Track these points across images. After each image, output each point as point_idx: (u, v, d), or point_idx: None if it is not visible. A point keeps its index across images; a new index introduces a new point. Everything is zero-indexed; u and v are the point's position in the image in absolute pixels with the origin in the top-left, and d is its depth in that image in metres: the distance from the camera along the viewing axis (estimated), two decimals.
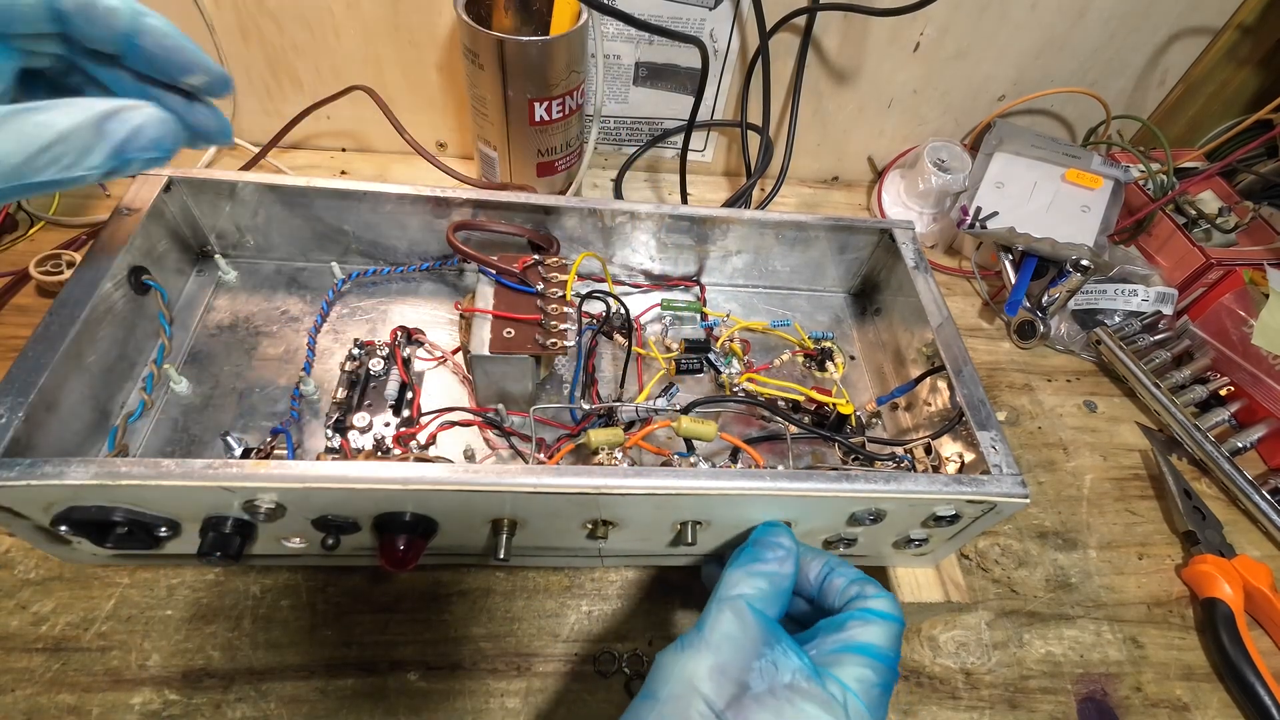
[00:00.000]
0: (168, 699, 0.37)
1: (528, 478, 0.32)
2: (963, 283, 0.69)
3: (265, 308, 0.49)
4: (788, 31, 0.63)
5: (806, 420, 0.46)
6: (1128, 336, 0.62)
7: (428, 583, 0.43)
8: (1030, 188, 0.64)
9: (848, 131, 0.74)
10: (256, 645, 0.39)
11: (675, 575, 0.45)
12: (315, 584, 0.42)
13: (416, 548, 0.34)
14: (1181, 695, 0.45)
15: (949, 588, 0.41)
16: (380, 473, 0.31)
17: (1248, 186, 0.71)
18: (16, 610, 0.39)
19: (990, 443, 0.37)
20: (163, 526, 0.33)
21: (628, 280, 0.54)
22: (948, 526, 0.37)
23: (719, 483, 0.33)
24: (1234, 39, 0.69)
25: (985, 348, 0.64)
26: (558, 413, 0.45)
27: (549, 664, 0.41)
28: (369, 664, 0.40)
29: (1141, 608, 0.48)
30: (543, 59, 0.53)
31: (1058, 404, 0.60)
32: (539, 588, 0.44)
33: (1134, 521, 0.53)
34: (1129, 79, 0.73)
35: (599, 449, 0.38)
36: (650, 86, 0.67)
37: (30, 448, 0.32)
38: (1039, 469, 0.55)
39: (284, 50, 0.62)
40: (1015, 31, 0.66)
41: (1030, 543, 0.51)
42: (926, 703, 0.42)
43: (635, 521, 0.36)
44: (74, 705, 0.36)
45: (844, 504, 0.35)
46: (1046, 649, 0.45)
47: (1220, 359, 0.60)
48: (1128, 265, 0.65)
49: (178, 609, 0.40)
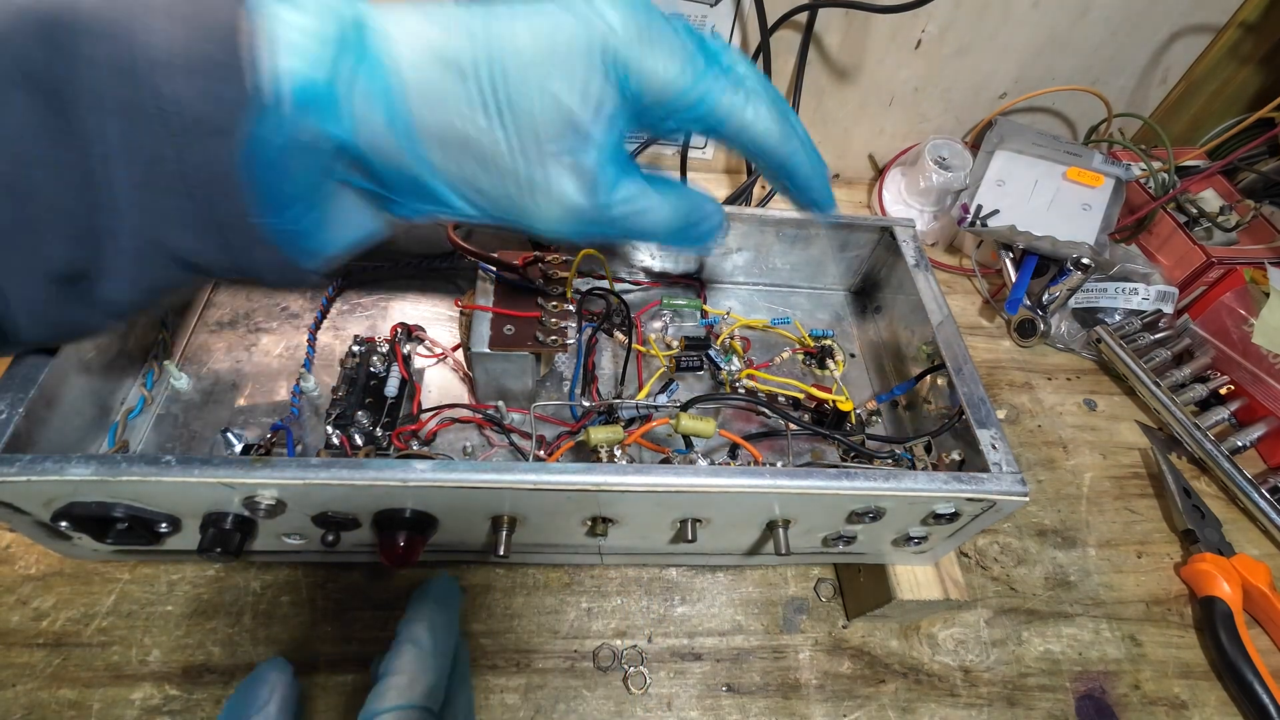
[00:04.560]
0: (168, 694, 0.37)
1: (528, 475, 0.32)
2: (963, 281, 0.69)
3: (265, 304, 0.49)
4: (789, 28, 0.63)
5: (806, 418, 0.46)
6: (1128, 335, 0.62)
7: (428, 579, 0.43)
8: (1031, 186, 0.64)
9: (849, 129, 0.73)
10: (257, 641, 0.40)
11: (675, 573, 0.46)
12: (315, 580, 0.42)
13: (416, 544, 0.34)
14: (1180, 693, 0.45)
15: (948, 585, 0.41)
16: (380, 470, 0.31)
17: (1249, 185, 0.71)
18: (17, 606, 0.39)
19: (990, 441, 0.37)
20: (163, 522, 0.33)
21: (628, 277, 0.54)
22: (947, 524, 0.37)
23: (718, 480, 0.33)
24: (1236, 37, 0.69)
25: (985, 346, 0.64)
26: (558, 410, 0.46)
27: (548, 660, 0.41)
28: (369, 660, 0.40)
29: (1140, 606, 0.48)
30: None
31: (1057, 402, 0.60)
32: (538, 584, 0.44)
33: (1133, 520, 0.53)
34: (1131, 77, 0.72)
35: (599, 446, 0.38)
36: None
37: (31, 443, 0.32)
38: (1038, 467, 0.55)
39: None
40: (1017, 29, 0.66)
41: (1029, 541, 0.51)
42: (925, 700, 0.42)
43: (635, 518, 0.36)
44: (75, 700, 0.37)
45: (843, 501, 0.35)
46: (1045, 647, 0.45)
47: (1220, 358, 0.60)
48: (1128, 264, 0.65)
49: (178, 605, 0.40)
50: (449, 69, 0.24)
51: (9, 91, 0.20)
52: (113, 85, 0.21)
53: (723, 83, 0.26)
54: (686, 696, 0.41)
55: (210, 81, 0.22)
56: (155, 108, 0.22)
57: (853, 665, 0.43)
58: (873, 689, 0.42)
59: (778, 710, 0.41)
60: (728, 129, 0.27)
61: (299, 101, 0.23)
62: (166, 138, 0.22)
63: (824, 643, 0.44)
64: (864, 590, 0.44)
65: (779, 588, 0.46)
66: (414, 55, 0.24)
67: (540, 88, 0.24)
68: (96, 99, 0.21)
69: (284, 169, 0.24)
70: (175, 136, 0.22)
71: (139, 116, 0.22)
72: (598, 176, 0.26)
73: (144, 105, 0.21)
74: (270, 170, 0.23)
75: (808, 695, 0.42)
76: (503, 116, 0.24)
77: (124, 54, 0.21)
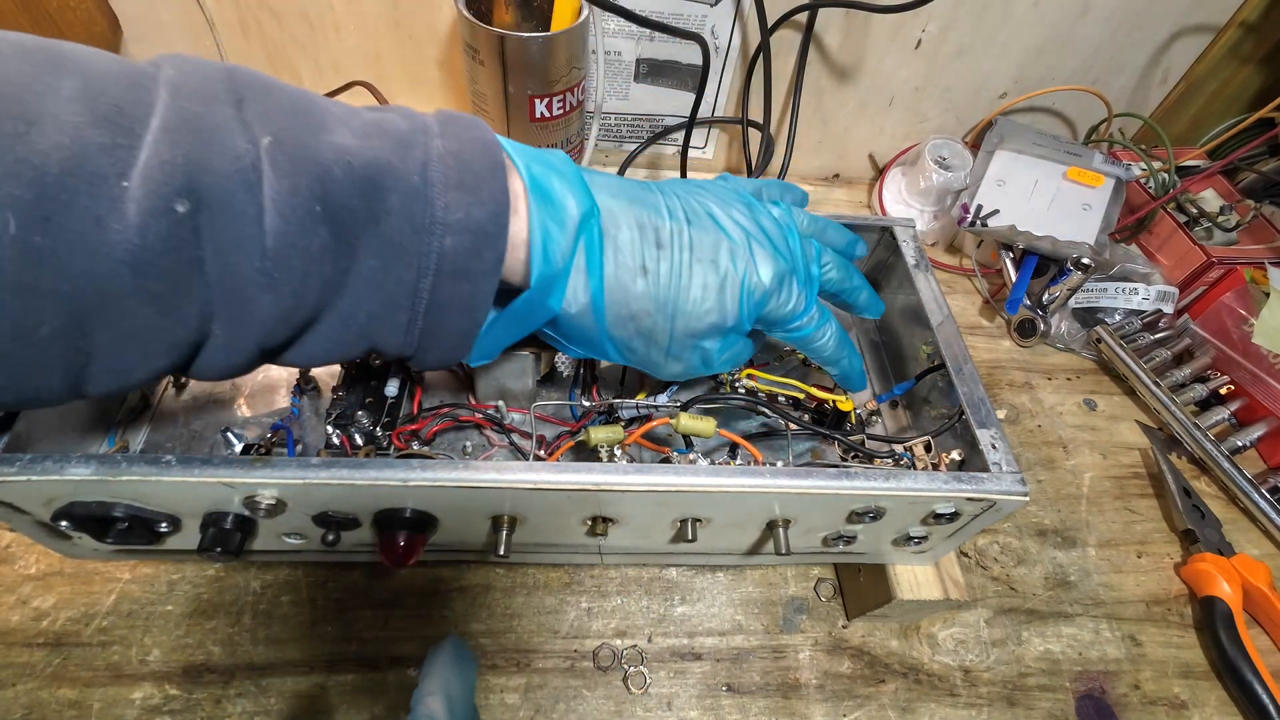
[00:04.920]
0: (168, 694, 0.37)
1: (528, 474, 0.32)
2: (963, 281, 0.69)
3: None
4: (789, 28, 0.63)
5: (806, 417, 0.46)
6: (1128, 335, 0.62)
7: (428, 579, 0.43)
8: (1031, 185, 0.64)
9: (849, 129, 0.73)
10: (257, 641, 0.40)
11: (675, 572, 0.46)
12: (315, 580, 0.42)
13: (416, 544, 0.34)
14: (1180, 693, 0.45)
15: (948, 585, 0.41)
16: (381, 469, 0.31)
17: (1249, 185, 0.71)
18: (18, 605, 0.39)
19: (990, 441, 0.37)
20: (163, 522, 0.33)
21: None
22: (947, 524, 0.37)
23: (718, 479, 0.33)
24: (1236, 37, 0.69)
25: (985, 346, 0.64)
26: (558, 409, 0.46)
27: (548, 660, 0.41)
28: (369, 659, 0.40)
29: (1140, 606, 0.48)
30: (543, 55, 0.53)
31: (1057, 402, 0.60)
32: (539, 584, 0.44)
33: (1133, 520, 0.53)
34: (1131, 77, 0.72)
35: (599, 446, 0.38)
36: (651, 83, 0.67)
37: (31, 443, 0.32)
38: (1038, 467, 0.55)
39: (284, 45, 0.62)
40: (1017, 29, 0.66)
41: (1029, 540, 0.51)
42: (925, 700, 0.42)
43: (635, 518, 0.36)
44: (75, 700, 0.37)
45: (843, 501, 0.35)
46: (1045, 647, 0.45)
47: (1220, 357, 0.60)
48: (1128, 263, 0.65)
49: (178, 604, 0.40)
50: (639, 274, 0.32)
51: (319, 226, 0.25)
52: (404, 234, 0.27)
53: (814, 318, 0.37)
54: (686, 696, 0.41)
55: (479, 244, 0.28)
56: (424, 254, 0.27)
57: (853, 665, 0.43)
58: (872, 689, 0.42)
59: (777, 710, 0.41)
60: (807, 346, 0.38)
61: (538, 285, 0.30)
62: (419, 276, 0.28)
63: (824, 642, 0.44)
64: (864, 590, 0.44)
65: (779, 587, 0.46)
66: (618, 256, 0.32)
67: (704, 310, 0.34)
68: (380, 240, 0.27)
69: (503, 324, 0.31)
70: (426, 278, 0.28)
71: (403, 257, 0.27)
72: (716, 357, 0.36)
73: (415, 250, 0.27)
74: (491, 324, 0.31)
75: (807, 695, 0.42)
76: (674, 320, 0.33)
77: (424, 213, 0.27)
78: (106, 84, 0.23)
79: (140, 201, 0.22)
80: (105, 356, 0.24)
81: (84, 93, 0.22)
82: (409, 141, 0.28)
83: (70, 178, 0.21)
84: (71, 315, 0.22)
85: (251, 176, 0.24)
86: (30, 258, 0.21)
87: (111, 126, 0.22)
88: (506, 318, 0.31)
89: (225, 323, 0.25)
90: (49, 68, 0.22)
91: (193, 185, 0.23)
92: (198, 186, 0.23)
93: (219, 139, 0.24)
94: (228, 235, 0.24)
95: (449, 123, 0.30)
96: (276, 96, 0.26)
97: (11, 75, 0.22)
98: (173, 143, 0.23)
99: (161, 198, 0.22)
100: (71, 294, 0.22)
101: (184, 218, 0.23)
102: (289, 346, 0.28)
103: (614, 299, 0.32)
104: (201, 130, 0.24)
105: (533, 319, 0.32)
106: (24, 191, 0.21)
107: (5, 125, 0.21)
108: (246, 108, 0.25)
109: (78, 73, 0.23)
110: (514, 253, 0.30)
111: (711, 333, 0.35)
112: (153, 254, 0.22)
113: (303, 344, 0.28)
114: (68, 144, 0.21)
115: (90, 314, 0.23)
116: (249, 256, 0.24)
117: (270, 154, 0.24)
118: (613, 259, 0.32)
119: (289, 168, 0.25)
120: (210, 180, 0.23)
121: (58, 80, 0.22)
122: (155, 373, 0.26)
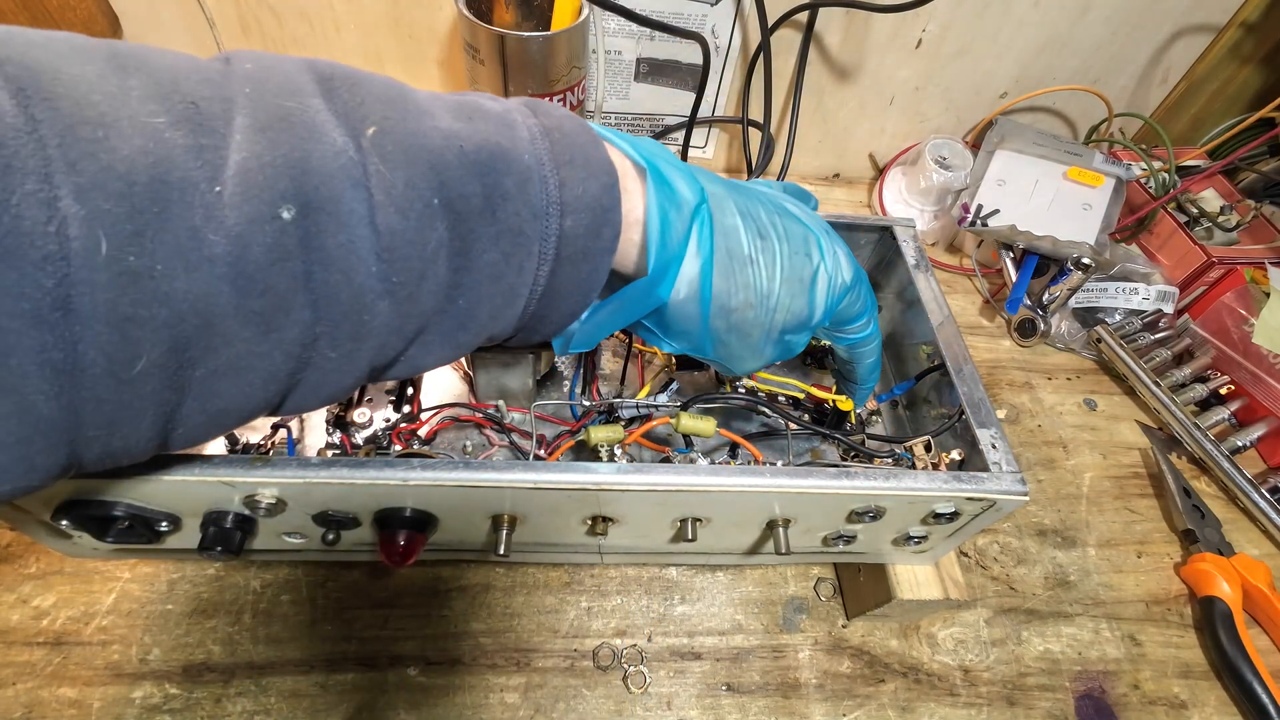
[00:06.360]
0: (168, 693, 0.37)
1: (528, 474, 0.32)
2: (963, 280, 0.69)
3: None
4: (789, 28, 0.63)
5: (806, 417, 0.46)
6: (1128, 335, 0.62)
7: (427, 578, 0.43)
8: (1032, 185, 0.64)
9: (849, 128, 0.73)
10: (257, 640, 0.40)
11: (674, 572, 0.46)
12: (315, 579, 0.42)
13: (416, 543, 0.34)
14: (1179, 693, 0.45)
15: (948, 585, 0.41)
16: (380, 469, 0.31)
17: (1249, 185, 0.71)
18: (18, 604, 0.39)
19: (990, 440, 0.37)
20: (163, 521, 0.33)
21: None
22: (947, 524, 0.37)
23: (718, 479, 0.33)
24: (1237, 37, 0.69)
25: (985, 345, 0.64)
26: (558, 409, 0.46)
27: (548, 659, 0.41)
28: (369, 659, 0.40)
29: (1140, 606, 0.48)
30: (544, 55, 0.53)
31: (1058, 402, 0.60)
32: (538, 584, 0.44)
33: (1133, 520, 0.53)
34: (1131, 76, 0.72)
35: (599, 446, 0.38)
36: (651, 82, 0.67)
37: None
38: (1038, 467, 0.55)
39: (284, 44, 0.62)
40: (1017, 28, 0.66)
41: (1029, 540, 0.51)
42: (925, 700, 0.42)
43: (635, 518, 0.36)
44: (75, 699, 0.37)
45: (843, 501, 0.35)
46: (1045, 646, 0.46)
47: (1220, 357, 0.60)
48: (1129, 263, 0.65)
49: (178, 603, 0.40)
50: (748, 264, 0.31)
51: (436, 220, 0.23)
52: (522, 219, 0.25)
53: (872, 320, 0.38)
54: (686, 696, 0.41)
55: (597, 221, 0.27)
56: (544, 238, 0.26)
57: (852, 665, 0.43)
58: (872, 688, 0.42)
59: (777, 709, 0.41)
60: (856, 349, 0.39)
61: (656, 270, 0.29)
62: (539, 263, 0.26)
63: (824, 642, 0.44)
64: (864, 590, 0.44)
65: (779, 587, 0.46)
66: (729, 244, 0.30)
67: (800, 305, 0.33)
68: (497, 229, 0.25)
69: (608, 312, 0.30)
70: (546, 264, 0.26)
71: (524, 244, 0.26)
72: (796, 350, 0.36)
73: (535, 235, 0.26)
74: (594, 311, 0.30)
75: (807, 694, 0.42)
76: (774, 314, 0.32)
77: (540, 194, 0.25)
78: (178, 80, 0.21)
79: (239, 208, 0.20)
80: (199, 393, 0.21)
81: (156, 91, 0.20)
82: (509, 120, 0.26)
83: (160, 185, 0.19)
84: (171, 345, 0.20)
85: (356, 172, 0.22)
86: (124, 281, 0.18)
87: (193, 126, 0.20)
88: (614, 305, 0.29)
89: (335, 342, 0.23)
90: (113, 66, 0.20)
91: (297, 187, 0.21)
92: (302, 188, 0.21)
93: (316, 134, 0.21)
94: (337, 240, 0.21)
95: (529, 102, 0.28)
96: (367, 84, 0.24)
97: (76, 76, 0.19)
98: (268, 141, 0.21)
99: (264, 203, 0.20)
100: (169, 320, 0.19)
101: (289, 225, 0.20)
102: (397, 361, 0.26)
103: (721, 289, 0.30)
104: (295, 126, 0.21)
105: (641, 306, 0.30)
106: (113, 205, 0.18)
107: (82, 131, 0.18)
108: (336, 98, 0.23)
109: (144, 70, 0.20)
110: (627, 233, 0.28)
111: (800, 327, 0.34)
112: (256, 267, 0.20)
113: (410, 356, 0.26)
114: (151, 148, 0.19)
115: (190, 342, 0.20)
116: (362, 261, 0.22)
117: (377, 145, 0.22)
118: (724, 247, 0.30)
119: (401, 159, 0.23)
120: (315, 180, 0.21)
121: (125, 79, 0.20)
122: (249, 411, 0.23)
